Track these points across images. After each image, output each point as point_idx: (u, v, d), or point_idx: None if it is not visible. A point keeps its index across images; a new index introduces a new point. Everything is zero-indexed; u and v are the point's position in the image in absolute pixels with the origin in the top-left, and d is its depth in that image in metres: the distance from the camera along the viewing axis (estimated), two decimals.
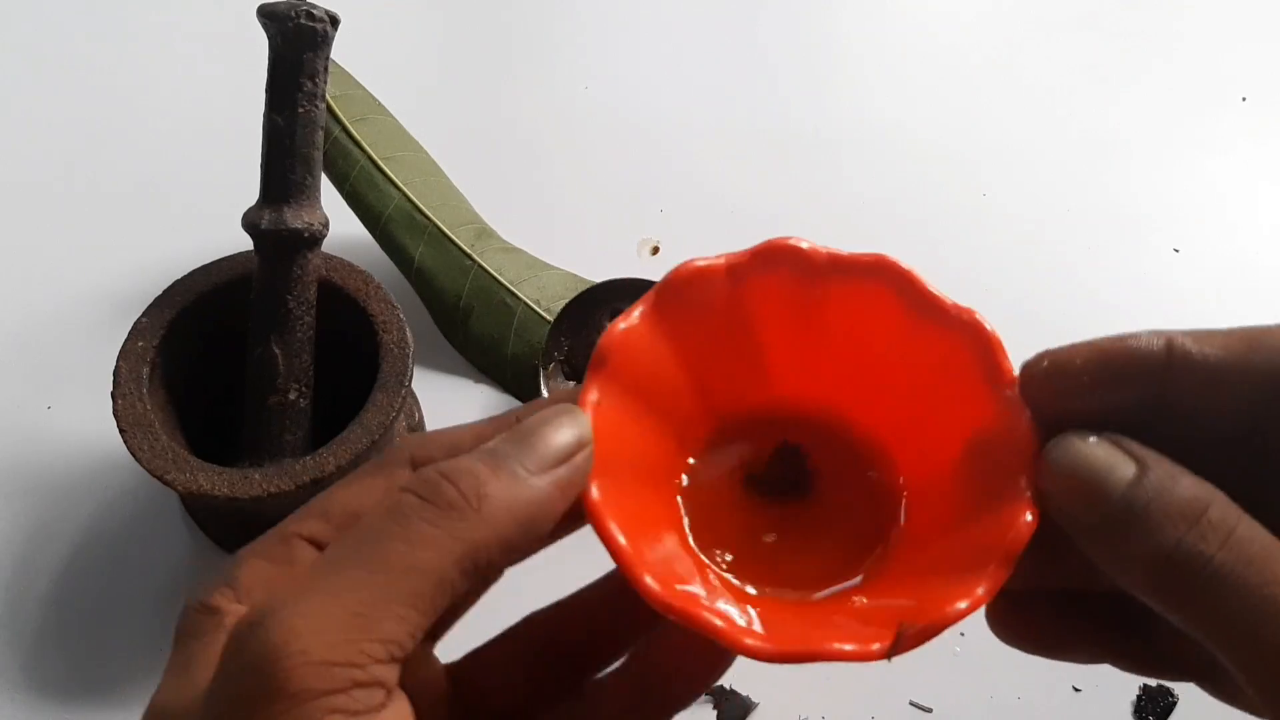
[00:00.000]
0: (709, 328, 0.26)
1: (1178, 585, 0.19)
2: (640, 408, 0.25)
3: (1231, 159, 0.57)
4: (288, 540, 0.21)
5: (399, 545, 0.18)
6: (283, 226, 0.36)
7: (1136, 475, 0.20)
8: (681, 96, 0.60)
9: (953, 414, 0.26)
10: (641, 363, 0.25)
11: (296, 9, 0.34)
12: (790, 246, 0.26)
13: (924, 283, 0.27)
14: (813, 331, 0.27)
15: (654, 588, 0.22)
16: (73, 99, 0.58)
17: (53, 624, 0.40)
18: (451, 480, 0.19)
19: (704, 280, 0.26)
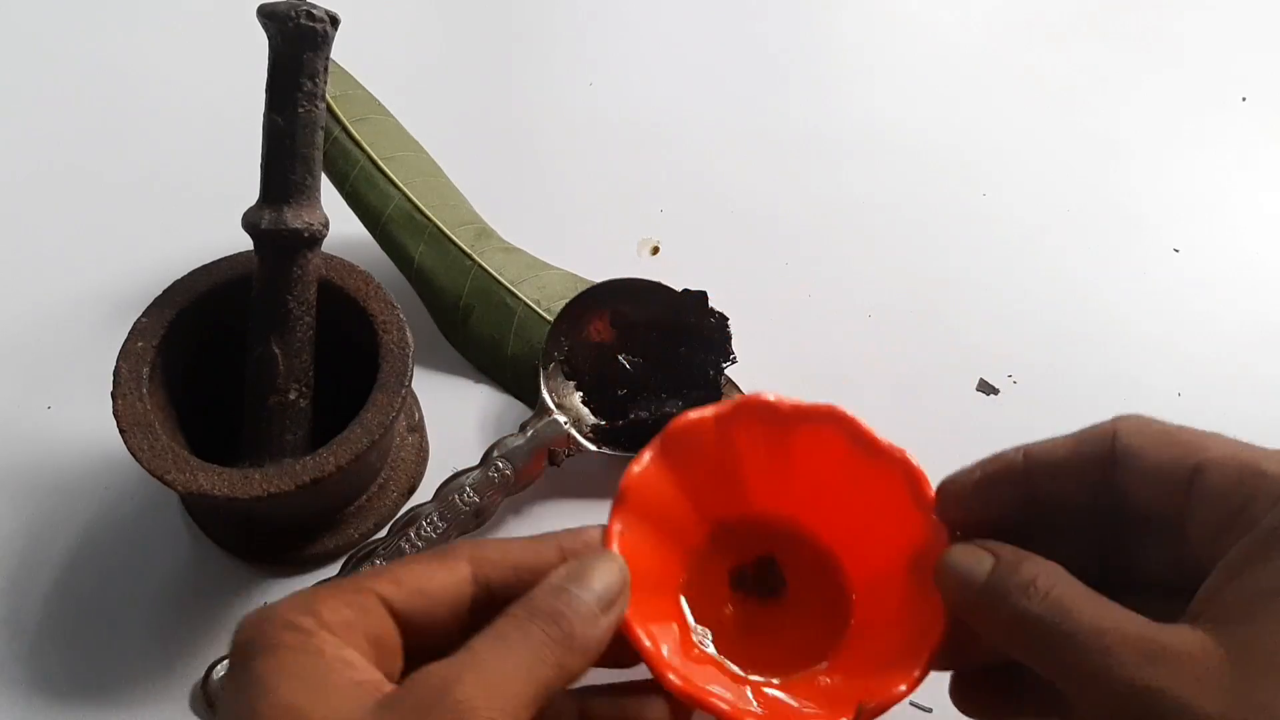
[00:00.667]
0: (702, 462, 0.34)
1: (1021, 637, 0.26)
2: (650, 528, 0.33)
3: (1231, 159, 0.57)
4: (363, 592, 0.26)
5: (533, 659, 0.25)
6: (283, 226, 0.36)
7: (993, 566, 0.27)
8: (682, 97, 0.60)
9: (891, 530, 0.33)
10: (651, 494, 0.33)
11: (296, 9, 0.34)
12: (762, 401, 0.34)
13: (865, 427, 0.34)
14: (782, 461, 0.34)
15: (677, 683, 0.29)
16: (72, 99, 0.59)
17: (53, 624, 0.40)
18: (557, 621, 0.26)
19: (697, 428, 0.34)
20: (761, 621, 0.34)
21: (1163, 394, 0.47)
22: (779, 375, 0.46)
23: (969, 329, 0.49)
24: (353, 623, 0.25)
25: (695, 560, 0.35)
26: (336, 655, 0.24)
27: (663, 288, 0.44)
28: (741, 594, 0.35)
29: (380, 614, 0.26)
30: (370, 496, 0.42)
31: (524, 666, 0.25)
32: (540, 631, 0.25)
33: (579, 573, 0.28)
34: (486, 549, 0.28)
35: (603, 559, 0.28)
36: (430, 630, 0.27)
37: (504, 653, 0.25)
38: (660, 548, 0.33)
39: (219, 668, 0.38)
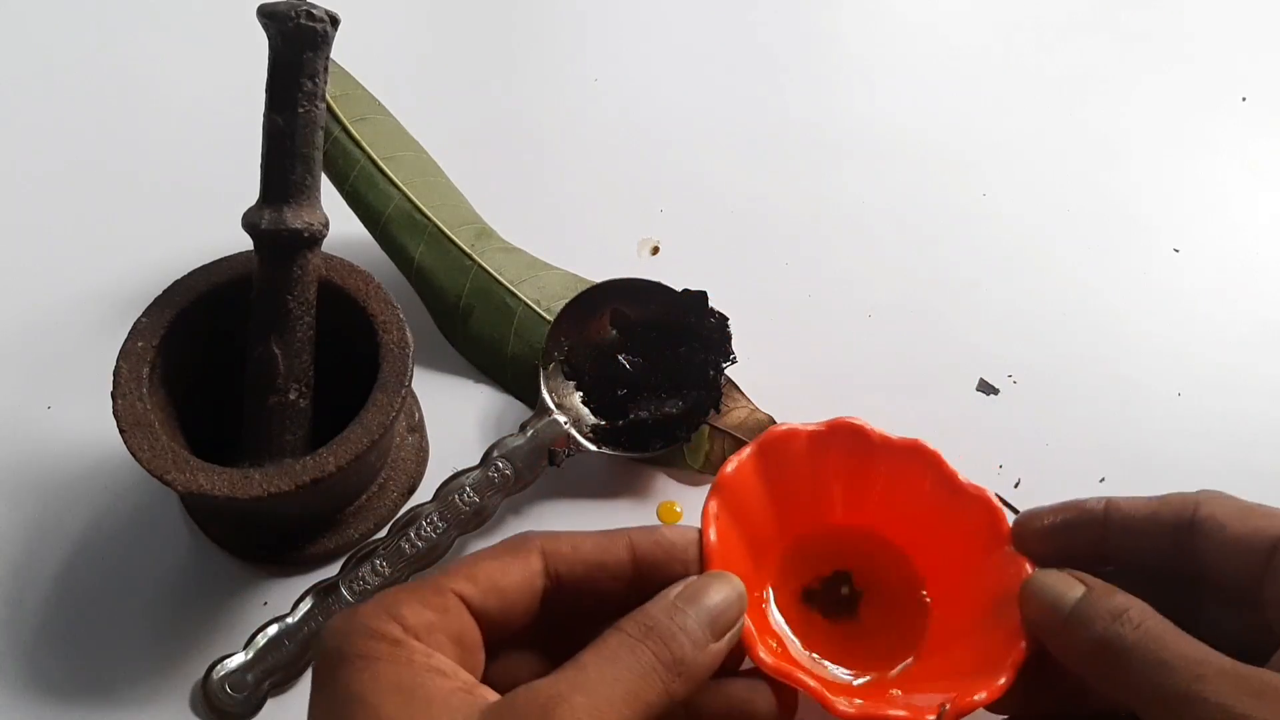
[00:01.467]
0: (790, 471, 0.36)
1: (1108, 663, 0.27)
2: (735, 523, 0.34)
3: (1231, 159, 0.57)
4: (443, 593, 0.26)
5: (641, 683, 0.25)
6: (283, 226, 0.36)
7: (1085, 593, 0.29)
8: (682, 97, 0.60)
9: (967, 559, 0.35)
10: (742, 492, 0.35)
11: (296, 9, 0.34)
12: (853, 426, 0.36)
13: (947, 464, 0.36)
14: (863, 483, 0.37)
15: (768, 661, 0.30)
16: (72, 98, 0.58)
17: (53, 624, 0.40)
18: (669, 645, 0.26)
19: (791, 438, 0.36)
20: (837, 630, 0.36)
21: (1163, 394, 0.47)
22: (779, 375, 0.46)
23: (969, 329, 0.49)
24: (435, 625, 0.26)
25: (775, 565, 0.36)
26: (427, 664, 0.25)
27: (663, 288, 0.44)
28: (816, 609, 0.36)
29: (460, 612, 0.26)
30: (370, 496, 0.42)
31: (631, 690, 0.25)
32: (651, 655, 0.26)
33: (694, 593, 0.28)
34: (559, 543, 0.28)
35: (720, 580, 0.29)
36: (506, 623, 0.27)
37: (613, 675, 0.25)
38: (744, 544, 0.34)
39: (219, 667, 0.38)
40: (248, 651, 0.38)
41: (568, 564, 0.28)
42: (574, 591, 0.28)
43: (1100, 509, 0.31)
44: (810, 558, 0.37)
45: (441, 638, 0.26)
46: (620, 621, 0.27)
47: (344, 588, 0.39)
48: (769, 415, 0.44)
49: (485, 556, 0.28)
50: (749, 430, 0.44)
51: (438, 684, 0.24)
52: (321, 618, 0.38)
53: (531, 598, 0.28)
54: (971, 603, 0.34)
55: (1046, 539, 0.32)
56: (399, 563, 0.39)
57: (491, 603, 0.27)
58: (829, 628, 0.36)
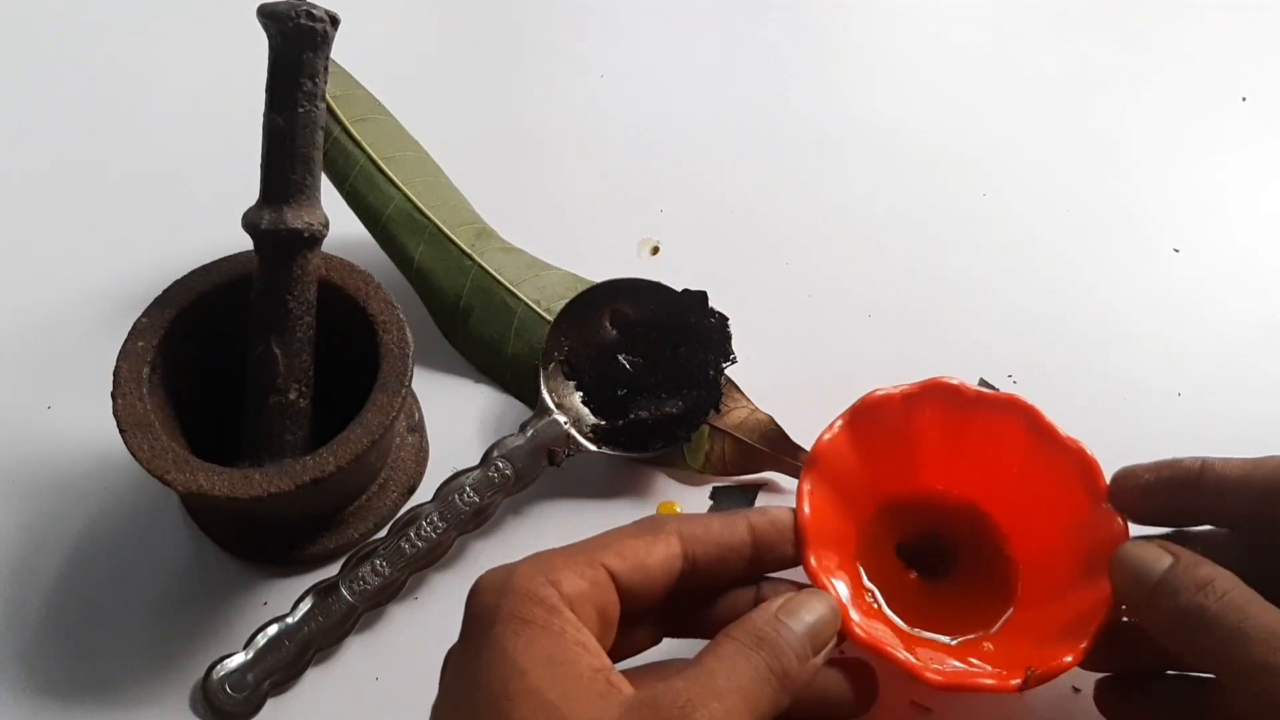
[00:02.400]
0: (884, 436, 0.37)
1: (1191, 630, 0.28)
2: (832, 491, 0.35)
3: (1231, 159, 0.57)
4: (595, 565, 0.28)
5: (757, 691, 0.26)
6: (283, 226, 0.36)
7: (1172, 564, 0.29)
8: (682, 97, 0.60)
9: (1060, 516, 0.35)
10: (836, 461, 0.36)
11: (296, 9, 0.34)
12: (947, 384, 0.37)
13: (1045, 416, 0.36)
14: (957, 443, 0.37)
15: (862, 635, 0.32)
16: (72, 98, 0.59)
17: (53, 624, 0.40)
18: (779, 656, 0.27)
19: (886, 403, 0.37)
20: (928, 589, 0.37)
21: (1163, 394, 0.47)
22: (779, 375, 0.46)
23: (969, 329, 0.49)
24: (587, 595, 0.27)
25: (869, 527, 0.37)
26: (577, 638, 0.26)
27: (663, 288, 0.44)
28: (909, 568, 0.37)
29: (608, 587, 0.28)
30: (370, 496, 0.42)
31: (752, 699, 0.26)
32: (765, 665, 0.27)
33: (794, 607, 0.29)
34: (693, 526, 0.30)
35: (817, 597, 0.30)
36: (644, 601, 0.29)
37: (737, 684, 0.26)
38: (839, 511, 0.36)
39: (219, 667, 0.38)
40: (248, 651, 0.38)
41: (702, 546, 0.30)
42: (707, 573, 0.30)
43: (1196, 468, 0.32)
44: (903, 519, 0.37)
45: (590, 610, 0.27)
46: (730, 629, 0.28)
47: (344, 588, 0.39)
48: (769, 415, 0.44)
49: (628, 535, 0.29)
50: (749, 430, 0.44)
51: (585, 662, 0.25)
52: (322, 618, 0.38)
53: (669, 578, 0.29)
54: (1065, 560, 0.35)
55: (1142, 496, 0.33)
56: (399, 563, 0.39)
57: (636, 580, 0.28)
58: (920, 588, 0.36)
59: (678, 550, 0.30)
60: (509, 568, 0.27)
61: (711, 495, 0.44)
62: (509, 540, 0.42)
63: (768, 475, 0.44)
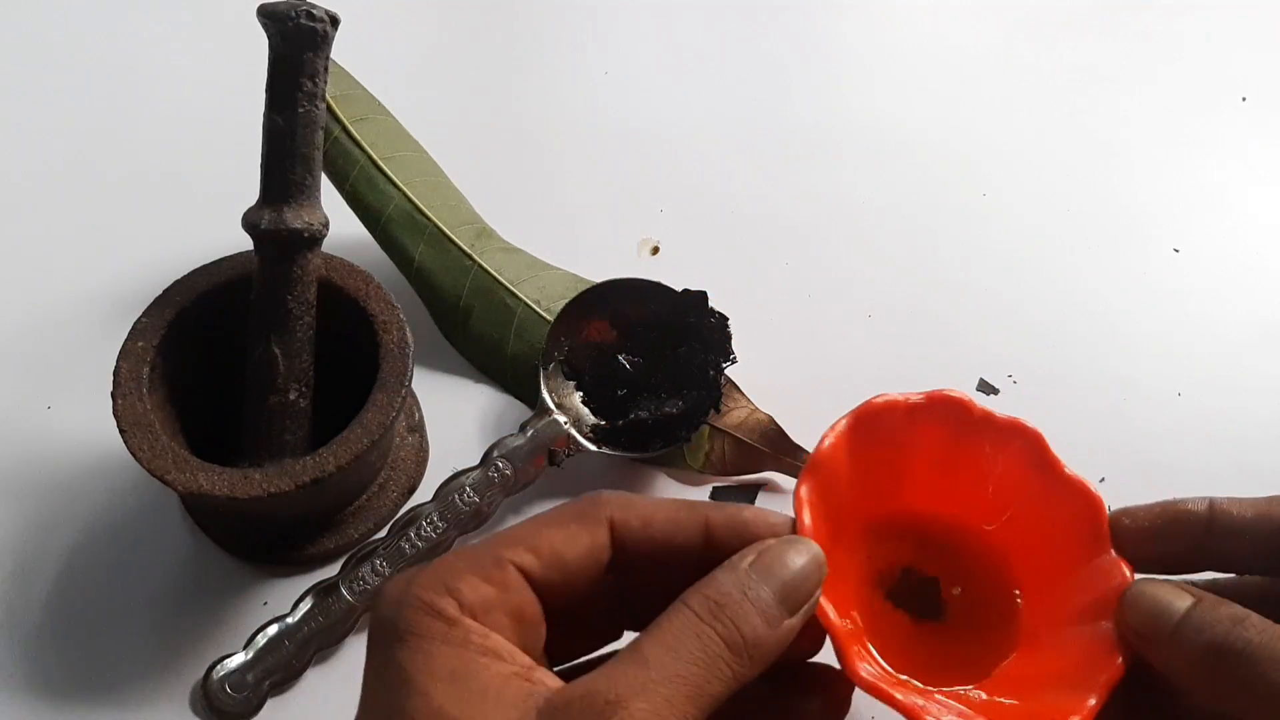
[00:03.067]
0: (881, 448, 0.33)
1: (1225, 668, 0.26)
2: (826, 507, 0.31)
3: (1231, 159, 0.57)
4: (502, 565, 0.25)
5: (706, 675, 0.23)
6: (283, 226, 0.36)
7: (1195, 601, 0.27)
8: (682, 97, 0.60)
9: (1063, 557, 0.32)
10: (835, 471, 0.31)
11: (296, 9, 0.34)
12: (956, 399, 0.33)
13: (1052, 451, 0.33)
14: (955, 464, 0.33)
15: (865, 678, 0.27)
16: (71, 98, 0.58)
17: (53, 624, 0.40)
18: (739, 625, 0.24)
19: (889, 412, 0.33)
20: (918, 629, 0.33)
21: (1163, 394, 0.47)
22: (779, 375, 0.46)
23: (969, 329, 0.49)
24: (494, 601, 0.24)
25: (851, 547, 0.33)
26: (483, 645, 0.23)
27: (663, 288, 0.44)
28: (898, 607, 0.33)
29: (520, 587, 0.25)
30: (370, 496, 0.42)
31: (698, 686, 0.23)
32: (719, 640, 0.24)
33: (769, 563, 0.25)
34: (630, 513, 0.27)
35: (796, 548, 0.26)
36: (569, 595, 0.26)
37: (677, 672, 0.23)
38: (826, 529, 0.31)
39: (219, 667, 0.38)
40: (248, 651, 0.38)
41: (635, 539, 0.26)
42: (643, 564, 0.26)
43: (1203, 510, 0.30)
44: (892, 545, 0.34)
45: (500, 616, 0.24)
46: (686, 595, 0.25)
47: (344, 588, 0.39)
48: (769, 415, 0.44)
49: (549, 523, 0.26)
50: (749, 430, 0.44)
51: (493, 670, 0.23)
52: (322, 618, 0.38)
53: (596, 569, 0.26)
54: (1065, 606, 0.32)
55: (1144, 540, 0.30)
56: (399, 563, 0.39)
57: (554, 576, 0.25)
58: (907, 626, 0.33)
59: (604, 541, 0.26)
60: (409, 576, 0.25)
61: (712, 495, 0.44)
62: None
63: (768, 475, 0.44)
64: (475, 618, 0.24)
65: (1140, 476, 0.44)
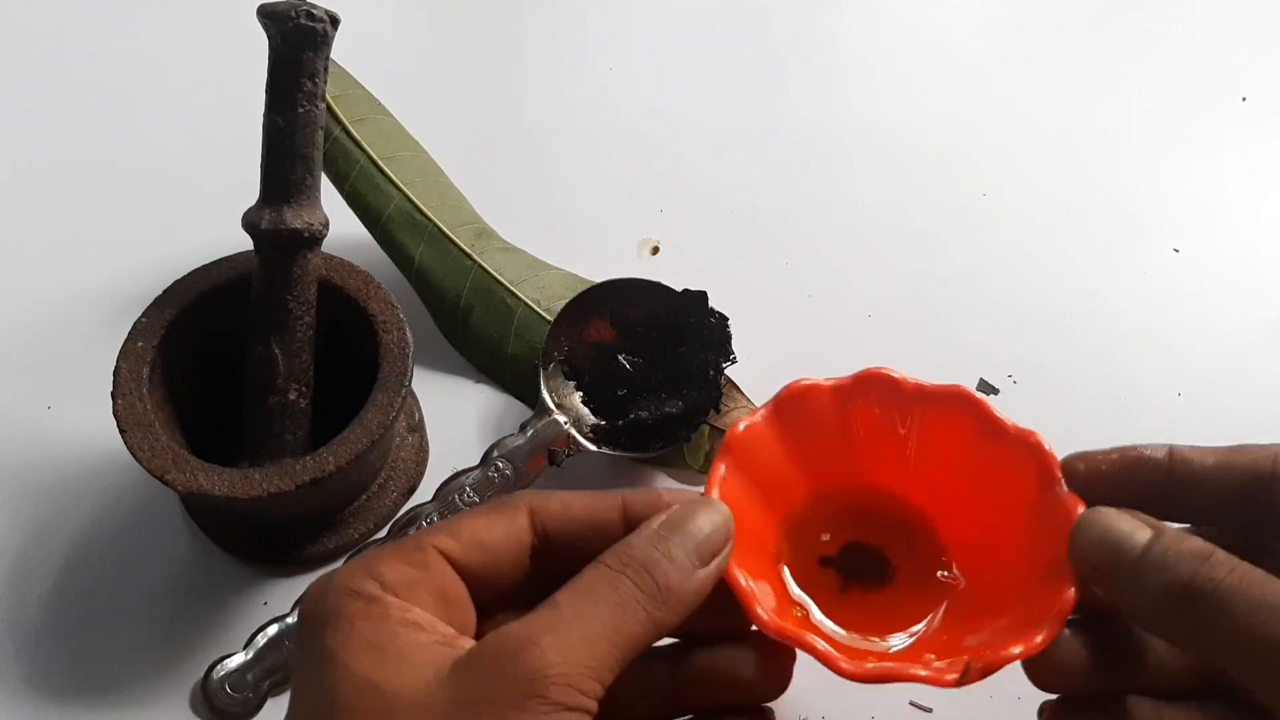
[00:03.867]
0: (812, 429, 0.33)
1: (1192, 610, 0.24)
2: (752, 486, 0.32)
3: (1231, 159, 0.57)
4: (424, 549, 0.26)
5: (621, 615, 0.24)
6: (283, 226, 0.36)
7: (1155, 535, 0.26)
8: (681, 97, 0.60)
9: (1009, 513, 0.32)
10: (756, 453, 0.32)
11: (296, 9, 0.34)
12: (885, 376, 0.34)
13: (993, 410, 0.33)
14: (896, 438, 0.34)
15: (765, 618, 0.28)
16: (72, 99, 0.59)
17: (53, 624, 0.40)
18: (650, 572, 0.25)
19: (812, 395, 0.33)
20: (864, 597, 0.33)
21: (1163, 394, 0.47)
22: (779, 375, 0.46)
23: (969, 329, 0.49)
24: (415, 580, 0.25)
25: (796, 528, 0.34)
26: (403, 618, 0.24)
27: (663, 288, 0.44)
28: (842, 574, 0.34)
29: (442, 568, 0.26)
30: (370, 496, 0.42)
31: (610, 624, 0.24)
32: (631, 585, 0.25)
33: (678, 520, 0.26)
34: (549, 500, 0.28)
35: (705, 505, 0.27)
36: (495, 581, 0.27)
37: (589, 610, 0.24)
38: (759, 507, 0.32)
39: (219, 667, 0.38)
40: (248, 651, 0.38)
41: (557, 521, 0.27)
42: (565, 550, 0.27)
43: (1163, 457, 0.28)
44: (837, 521, 0.34)
45: (422, 593, 0.25)
46: (600, 556, 0.26)
47: None
48: None
49: (470, 514, 0.27)
50: None
51: (412, 638, 0.24)
52: None
53: (519, 554, 0.27)
54: (1015, 559, 0.32)
55: (1099, 487, 0.29)
56: None
57: (475, 558, 0.26)
58: (856, 595, 0.33)
59: (525, 525, 0.27)
60: (330, 572, 0.26)
61: None
62: None
63: None
64: (397, 595, 0.25)
65: None
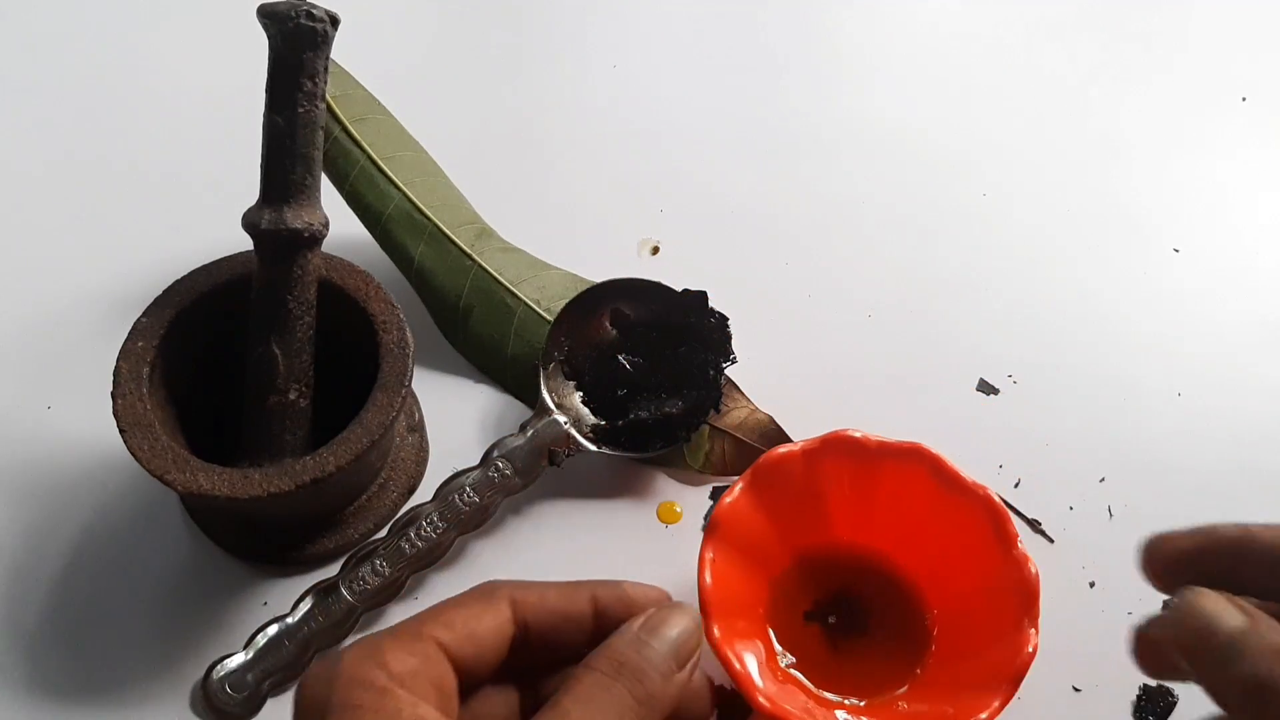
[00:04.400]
0: (789, 494, 0.36)
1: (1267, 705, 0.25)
2: (738, 554, 0.35)
3: (1232, 159, 0.57)
4: (423, 639, 0.27)
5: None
6: (283, 226, 0.36)
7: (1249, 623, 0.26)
8: (682, 97, 0.60)
9: (972, 563, 0.35)
10: (740, 523, 0.35)
11: (296, 9, 0.34)
12: (848, 437, 0.36)
13: (949, 464, 0.36)
14: (866, 495, 0.36)
15: (765, 705, 0.31)
16: (72, 98, 0.59)
17: (53, 624, 0.40)
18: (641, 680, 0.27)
19: (786, 462, 0.36)
20: (843, 647, 0.36)
21: (1163, 394, 0.47)
22: (779, 375, 0.46)
23: (969, 329, 0.49)
24: (419, 672, 0.26)
25: (780, 586, 0.37)
26: (414, 714, 0.25)
27: (663, 288, 0.44)
28: (822, 629, 0.37)
29: (439, 660, 0.27)
30: (370, 496, 0.42)
31: None
32: (626, 693, 0.26)
33: (656, 624, 0.28)
34: (526, 592, 0.29)
35: (678, 611, 0.29)
36: (478, 669, 0.28)
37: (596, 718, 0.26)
38: (747, 573, 0.35)
39: (219, 667, 0.38)
40: (248, 651, 0.38)
41: (534, 613, 0.29)
42: (540, 638, 0.29)
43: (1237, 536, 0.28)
44: (816, 576, 0.37)
45: (425, 685, 0.26)
46: (589, 659, 0.27)
47: (344, 588, 0.39)
48: (769, 415, 0.44)
49: (456, 605, 0.28)
50: (749, 430, 0.44)
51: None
52: (321, 618, 0.38)
53: (502, 643, 0.28)
54: (980, 611, 0.34)
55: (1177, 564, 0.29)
56: (399, 563, 0.39)
57: (467, 650, 0.27)
58: (833, 648, 0.36)
59: (508, 616, 0.29)
60: (335, 656, 0.26)
61: (711, 495, 0.44)
62: (509, 540, 0.42)
63: None
64: (404, 687, 0.25)
65: (1140, 476, 0.44)
